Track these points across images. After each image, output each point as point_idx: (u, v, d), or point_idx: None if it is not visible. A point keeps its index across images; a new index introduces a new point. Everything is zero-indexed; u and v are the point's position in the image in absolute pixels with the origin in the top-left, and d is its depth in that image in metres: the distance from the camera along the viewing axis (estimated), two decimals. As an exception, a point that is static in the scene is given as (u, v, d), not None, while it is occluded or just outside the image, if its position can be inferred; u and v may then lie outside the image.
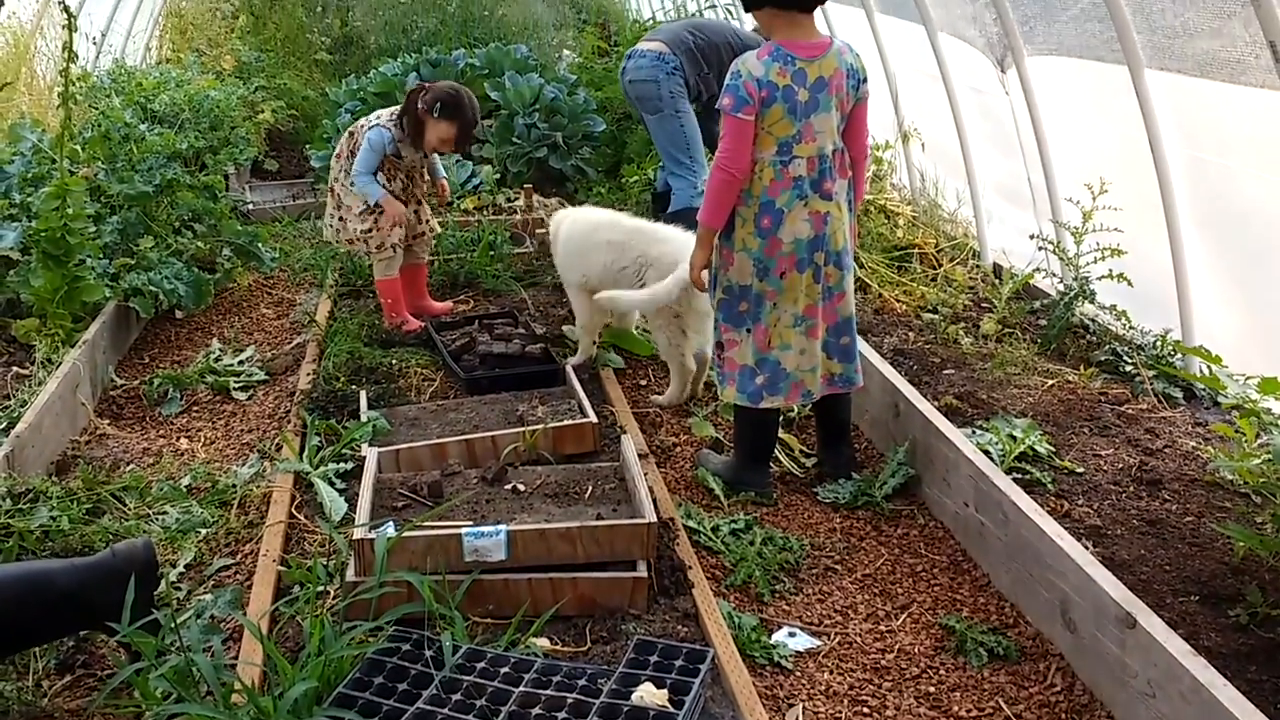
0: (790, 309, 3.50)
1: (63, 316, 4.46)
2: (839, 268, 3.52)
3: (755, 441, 3.74)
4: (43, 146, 5.08)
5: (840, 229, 3.49)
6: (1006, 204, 5.51)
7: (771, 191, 3.40)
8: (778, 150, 3.38)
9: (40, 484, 3.39)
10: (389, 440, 3.87)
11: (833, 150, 3.43)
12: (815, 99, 3.35)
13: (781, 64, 3.31)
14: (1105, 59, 4.24)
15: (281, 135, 8.58)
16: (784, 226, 3.41)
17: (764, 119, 3.35)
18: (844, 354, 3.63)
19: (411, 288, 5.18)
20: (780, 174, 3.39)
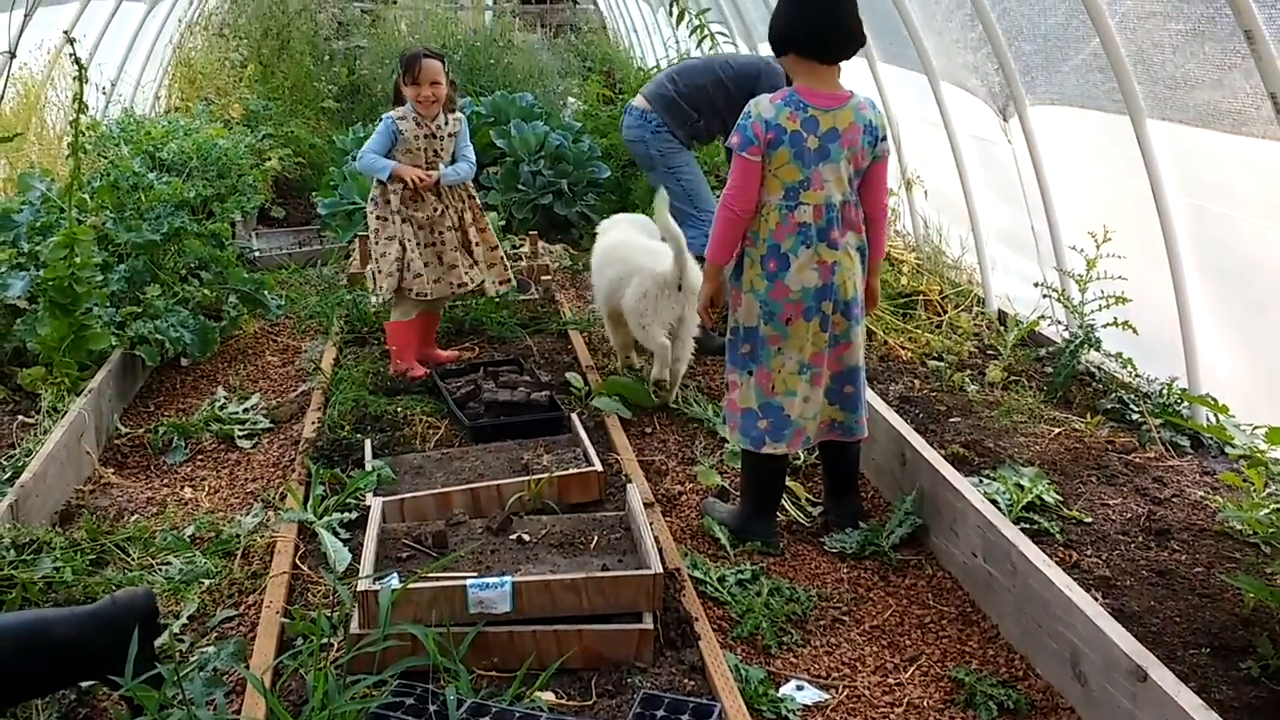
0: (795, 355, 3.50)
1: (69, 365, 4.46)
2: (846, 317, 3.52)
3: (761, 490, 3.72)
4: (51, 196, 5.12)
5: (850, 278, 3.48)
6: (1010, 251, 5.53)
7: (778, 235, 3.43)
8: (784, 195, 3.40)
9: (44, 534, 3.37)
10: (393, 489, 3.86)
11: (841, 201, 3.43)
12: (826, 148, 3.37)
13: (793, 109, 3.34)
14: (1107, 109, 4.28)
15: (288, 182, 8.64)
16: (790, 273, 3.43)
17: (771, 161, 3.38)
18: (846, 402, 3.61)
19: (422, 335, 5.17)
20: (786, 219, 3.41)
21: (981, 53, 5.01)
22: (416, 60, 4.76)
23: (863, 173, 3.47)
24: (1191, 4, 3.54)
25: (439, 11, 13.22)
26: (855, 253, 3.50)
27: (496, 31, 12.18)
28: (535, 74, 11.21)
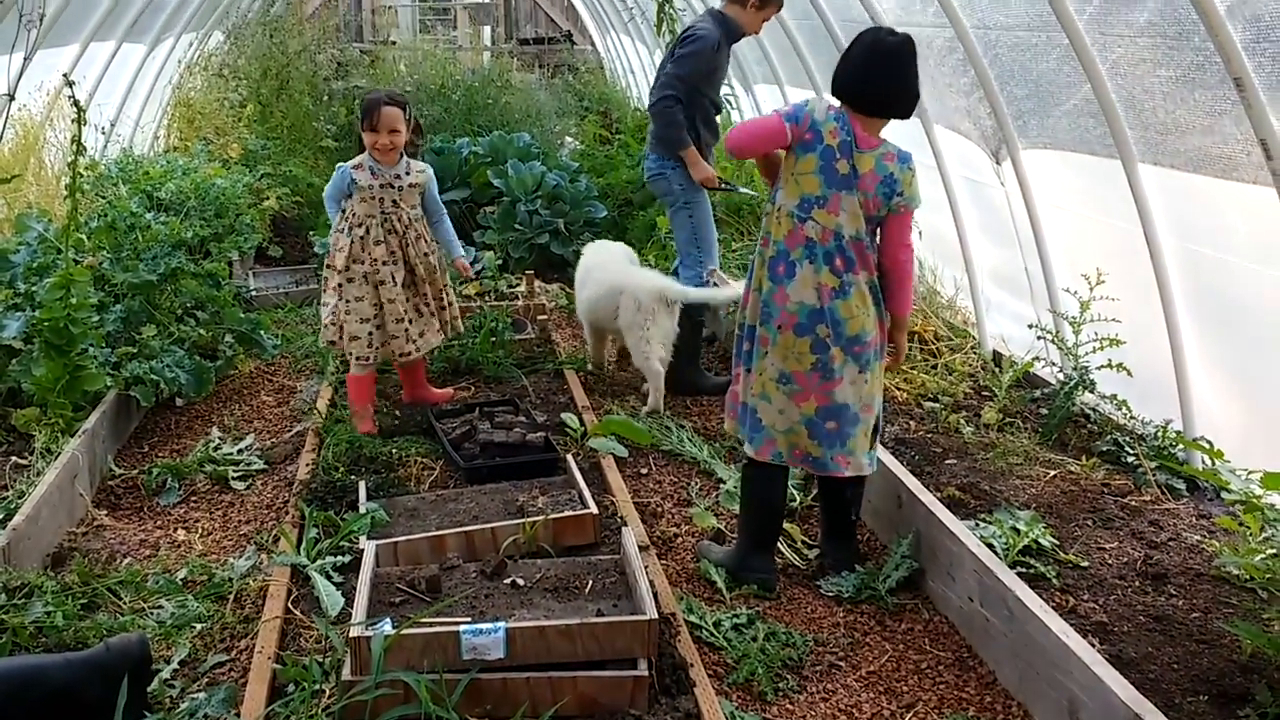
0: (778, 364, 3.53)
1: (63, 406, 4.45)
2: (846, 353, 3.50)
3: (759, 526, 3.73)
4: (49, 236, 5.13)
5: (858, 316, 3.48)
6: (1003, 292, 5.55)
7: (789, 242, 3.51)
8: (799, 203, 3.48)
9: (35, 578, 3.35)
10: (388, 532, 3.84)
11: (853, 236, 3.46)
12: (850, 180, 3.44)
13: (839, 125, 3.44)
14: (1099, 153, 4.31)
15: (286, 221, 8.67)
16: (793, 283, 3.48)
17: (799, 162, 3.47)
18: (826, 438, 3.55)
19: (409, 379, 5.14)
20: (796, 229, 3.48)
21: (974, 97, 5.06)
22: (376, 107, 4.61)
23: (876, 220, 3.50)
24: (1181, 51, 3.58)
25: (437, 52, 13.34)
26: (867, 292, 3.50)
27: (495, 72, 12.27)
28: (533, 114, 11.27)
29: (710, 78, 5.32)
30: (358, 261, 4.71)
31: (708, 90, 5.33)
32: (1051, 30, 4.17)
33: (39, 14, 4.66)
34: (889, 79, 3.46)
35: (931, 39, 5.26)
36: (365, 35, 17.12)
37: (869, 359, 3.53)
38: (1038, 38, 4.36)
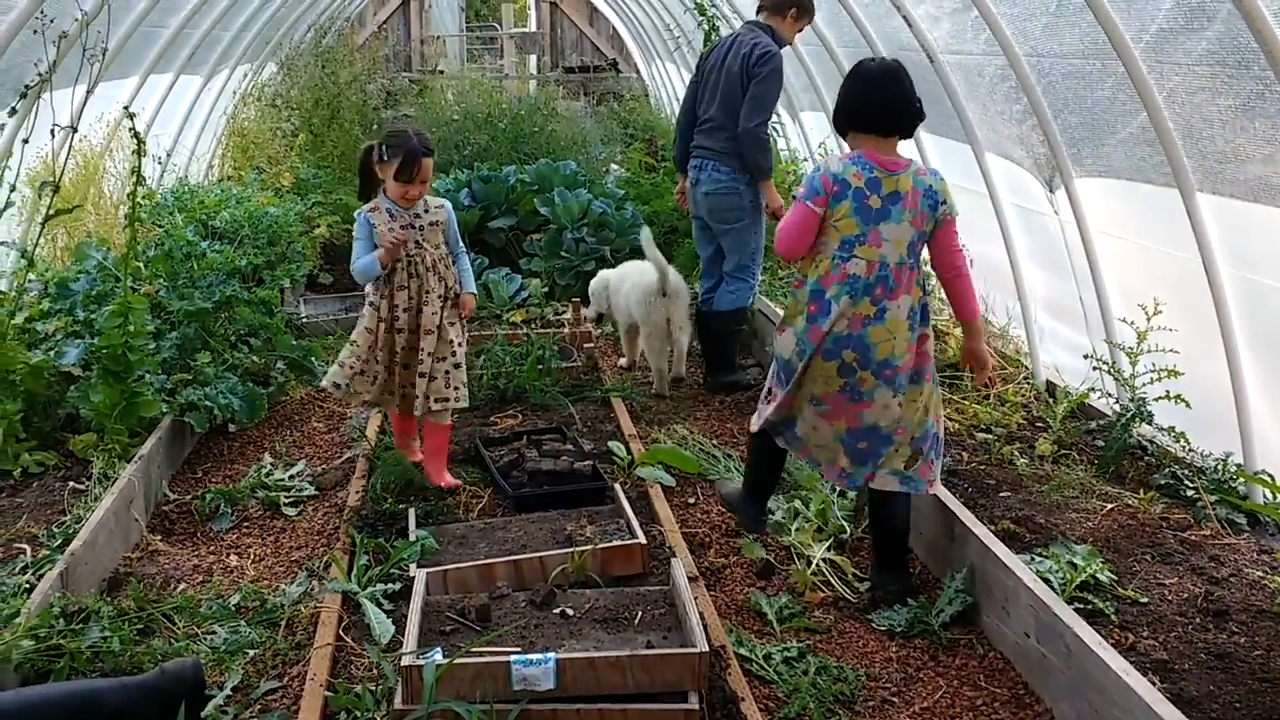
0: (810, 388, 3.69)
1: (120, 431, 4.52)
2: (876, 376, 3.58)
3: (758, 476, 4.12)
4: (107, 264, 5.22)
5: (888, 339, 3.56)
6: (1057, 321, 5.49)
7: (825, 281, 3.61)
8: (840, 246, 3.59)
9: (92, 603, 3.40)
10: (437, 559, 3.85)
11: (897, 262, 3.56)
12: (887, 209, 3.55)
13: (860, 168, 3.57)
14: (1155, 181, 4.26)
15: (336, 249, 8.76)
16: (828, 320, 3.59)
17: (833, 213, 3.59)
18: (858, 455, 3.68)
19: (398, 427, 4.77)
20: (837, 268, 3.59)
21: (1026, 125, 5.02)
22: (416, 159, 4.21)
23: (926, 236, 3.61)
24: (1241, 80, 3.53)
25: (484, 81, 13.49)
26: (905, 316, 3.58)
27: (541, 100, 12.38)
28: (578, 142, 11.36)
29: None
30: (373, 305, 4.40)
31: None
32: (1106, 58, 4.13)
33: (101, 48, 4.77)
34: (890, 97, 3.64)
35: (983, 67, 5.23)
36: (414, 65, 17.36)
37: (902, 382, 3.60)
38: (1092, 65, 4.32)
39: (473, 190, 8.43)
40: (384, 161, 4.24)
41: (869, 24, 6.18)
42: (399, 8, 17.68)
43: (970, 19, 5.04)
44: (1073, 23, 4.29)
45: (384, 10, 17.43)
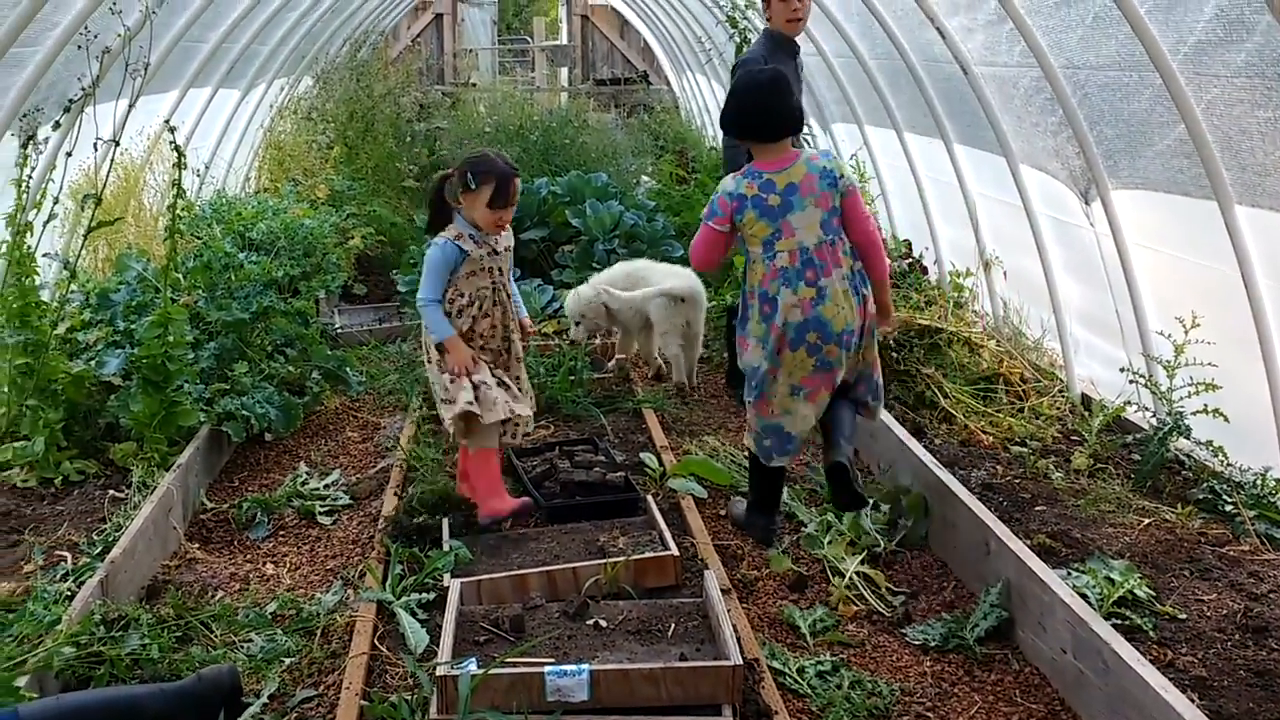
0: (787, 380, 4.04)
1: (159, 440, 4.58)
2: (840, 345, 3.99)
3: (761, 492, 4.30)
4: (147, 275, 5.29)
5: (839, 312, 3.97)
6: (1092, 334, 5.45)
7: (764, 283, 4.02)
8: (763, 248, 4.01)
9: (132, 610, 3.44)
10: (470, 569, 3.87)
11: (816, 244, 3.96)
12: (789, 201, 3.96)
13: (750, 179, 4.01)
14: (1193, 194, 4.22)
15: (370, 260, 8.84)
16: (779, 313, 3.97)
17: (743, 225, 4.02)
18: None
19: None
20: (769, 267, 3.99)
21: (1062, 136, 4.99)
22: (509, 183, 4.08)
23: (837, 212, 4.00)
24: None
25: (516, 93, 13.56)
26: (845, 286, 3.98)
27: (572, 112, 12.43)
28: (609, 153, 11.39)
29: None
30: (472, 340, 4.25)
31: None
32: (1144, 70, 4.11)
33: (143, 63, 4.84)
34: (776, 105, 4.01)
35: (1017, 79, 5.22)
36: (446, 78, 17.48)
37: (855, 342, 4.05)
38: (1129, 77, 4.29)
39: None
40: (471, 190, 4.05)
41: (902, 36, 6.18)
42: (432, 22, 17.81)
43: (1005, 31, 5.03)
44: (1109, 35, 4.27)
45: (418, 24, 17.57)
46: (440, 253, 4.15)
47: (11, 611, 3.33)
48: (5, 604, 3.45)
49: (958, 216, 6.45)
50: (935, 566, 4.11)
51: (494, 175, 4.06)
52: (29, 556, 3.83)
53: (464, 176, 4.07)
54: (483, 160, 4.12)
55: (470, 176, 4.06)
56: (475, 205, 4.10)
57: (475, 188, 4.06)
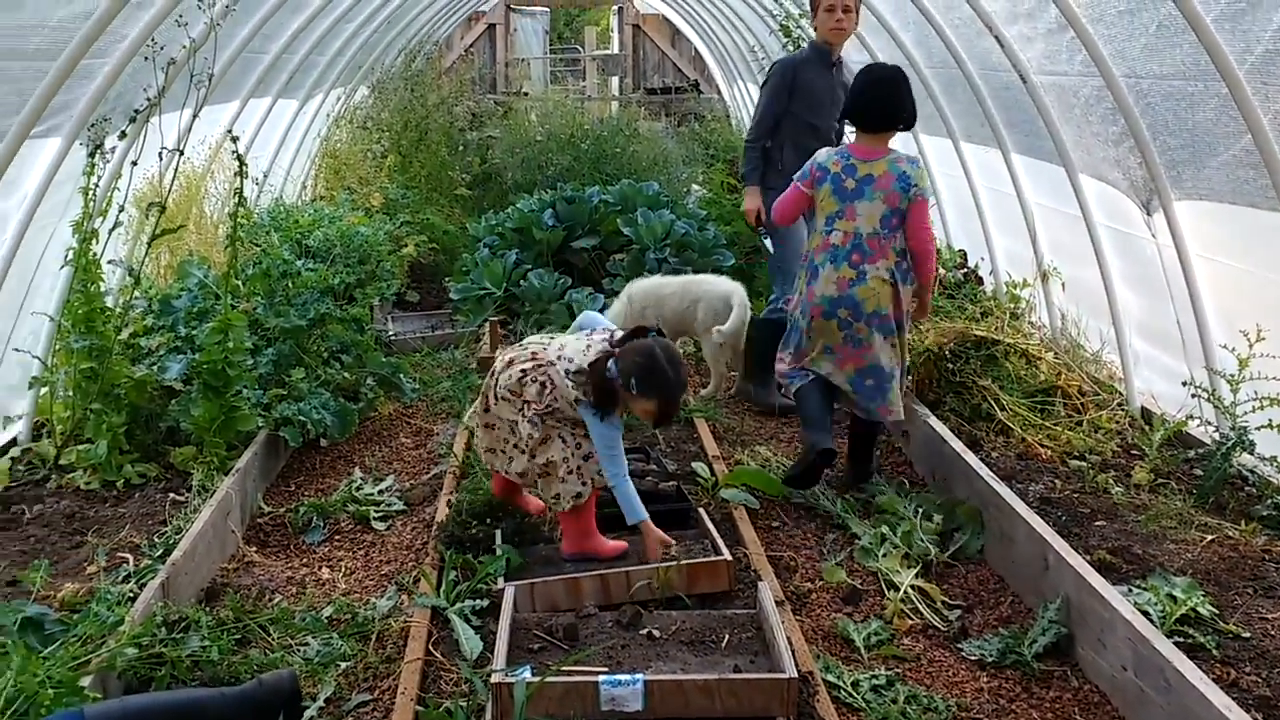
0: (821, 342, 4.61)
1: (218, 445, 4.65)
2: (869, 326, 4.50)
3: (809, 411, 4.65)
4: (208, 282, 5.38)
5: (874, 295, 4.47)
6: (1153, 346, 5.36)
7: (816, 253, 4.61)
8: (825, 221, 4.58)
9: (192, 613, 3.49)
10: (522, 575, 3.88)
11: (870, 234, 4.47)
12: (861, 189, 4.49)
13: (839, 158, 4.58)
14: (1259, 205, 4.14)
15: (422, 268, 8.93)
16: (818, 282, 4.56)
17: (818, 194, 4.60)
18: (866, 392, 4.60)
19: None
20: (823, 239, 4.56)
21: (1123, 147, 4.92)
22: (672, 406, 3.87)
23: (901, 213, 4.47)
24: (1353, 101, 3.43)
25: (567, 102, 13.62)
26: (886, 276, 4.46)
27: (623, 121, 12.45)
28: (660, 162, 11.39)
29: (799, 103, 5.62)
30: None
31: (802, 112, 5.64)
32: (1209, 80, 4.04)
33: (207, 74, 4.93)
34: (880, 99, 4.54)
35: (1078, 88, 5.15)
36: (499, 87, 17.62)
37: (891, 328, 4.52)
38: (1194, 87, 4.22)
39: (556, 211, 8.51)
40: (631, 392, 3.78)
41: (959, 45, 6.13)
42: (485, 32, 17.98)
43: (1066, 40, 4.97)
44: (1174, 44, 4.20)
45: (471, 34, 17.74)
46: (614, 429, 3.90)
47: (76, 612, 3.40)
48: (70, 604, 3.52)
49: (1014, 226, 6.38)
50: (992, 580, 4.07)
51: (658, 396, 3.78)
52: (92, 558, 3.90)
53: (629, 379, 3.77)
54: (656, 375, 3.76)
55: (635, 383, 3.76)
56: (632, 404, 3.86)
57: (635, 394, 3.79)
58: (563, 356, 3.94)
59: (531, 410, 3.94)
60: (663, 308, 6.24)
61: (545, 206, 8.61)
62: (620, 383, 3.79)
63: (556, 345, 4.04)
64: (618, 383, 3.79)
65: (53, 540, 4.12)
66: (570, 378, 3.87)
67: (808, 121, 5.62)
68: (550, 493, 4.00)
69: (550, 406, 3.92)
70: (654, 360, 3.76)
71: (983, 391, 5.15)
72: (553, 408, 3.93)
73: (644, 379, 3.74)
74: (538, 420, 3.94)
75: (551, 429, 3.97)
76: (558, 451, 3.95)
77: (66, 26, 4.09)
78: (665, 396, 3.78)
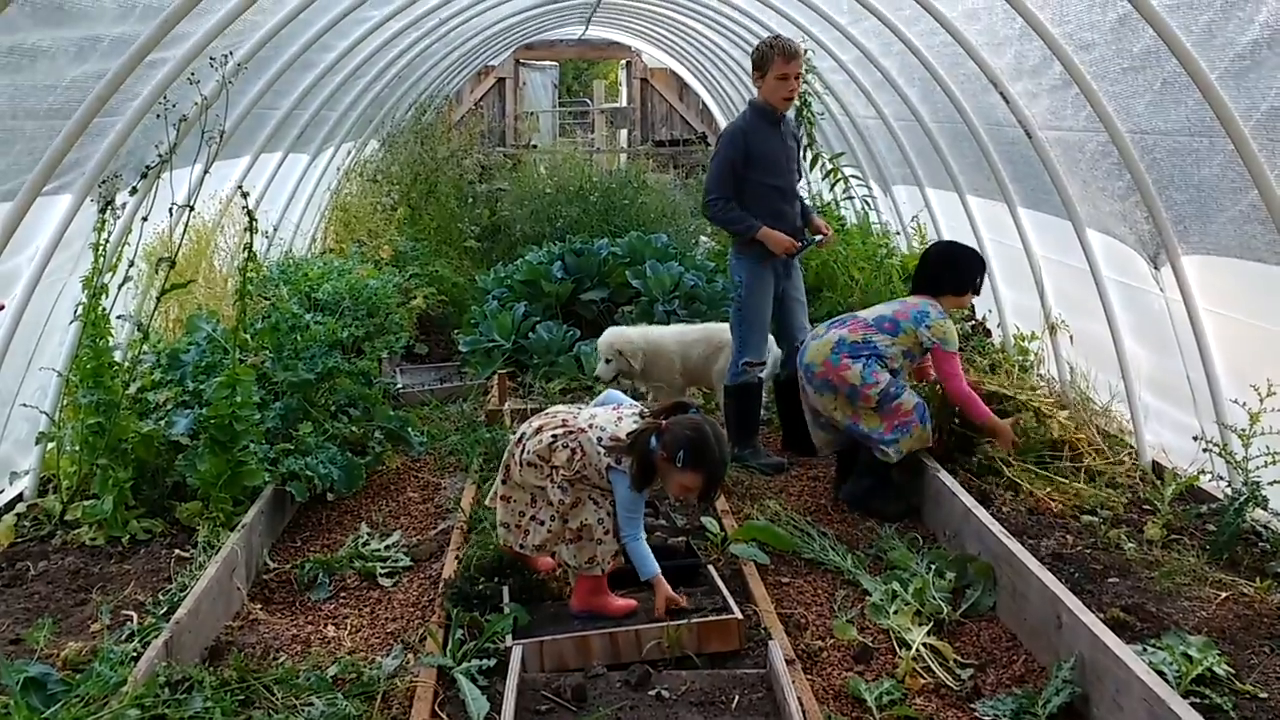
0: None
1: (224, 500, 4.63)
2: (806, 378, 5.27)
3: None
4: (216, 336, 5.40)
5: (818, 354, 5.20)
6: (1162, 401, 5.34)
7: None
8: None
9: (196, 673, 3.45)
10: (530, 633, 3.84)
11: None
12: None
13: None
14: (1268, 260, 4.14)
15: (431, 319, 8.95)
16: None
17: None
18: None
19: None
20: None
21: (1129, 201, 4.93)
22: (717, 484, 3.97)
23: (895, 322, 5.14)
24: (1359, 158, 3.44)
25: (576, 155, 13.74)
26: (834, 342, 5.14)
27: (631, 173, 12.56)
28: (668, 214, 11.47)
29: (756, 167, 5.58)
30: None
31: (761, 178, 5.59)
32: (1215, 136, 4.06)
33: (219, 130, 4.98)
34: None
35: (1083, 143, 5.18)
36: (508, 140, 17.78)
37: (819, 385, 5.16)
38: (1199, 143, 4.24)
39: (565, 263, 8.56)
40: (677, 466, 3.78)
41: (965, 100, 6.17)
42: (495, 86, 18.17)
43: (1070, 96, 5.00)
44: (1179, 100, 4.22)
45: (481, 88, 17.93)
46: (640, 497, 3.92)
47: (79, 671, 3.37)
48: (73, 663, 3.49)
49: (1021, 279, 6.39)
50: (1004, 638, 4.01)
51: (706, 472, 3.80)
52: (96, 616, 3.88)
53: (676, 452, 3.77)
54: (707, 451, 3.78)
55: (684, 456, 3.76)
56: (674, 478, 3.85)
57: (681, 468, 3.79)
58: (594, 425, 3.95)
59: (560, 476, 3.94)
60: (687, 355, 6.41)
61: (554, 259, 8.65)
62: (662, 455, 3.79)
63: (587, 414, 4.05)
64: (658, 455, 3.79)
65: (57, 597, 4.10)
66: (601, 445, 3.88)
67: (769, 184, 5.65)
68: (584, 557, 3.96)
69: (580, 473, 3.92)
70: (704, 436, 3.78)
71: (990, 445, 5.14)
72: (582, 474, 3.93)
73: (694, 454, 3.75)
74: (567, 485, 3.94)
75: (580, 493, 3.97)
76: (591, 514, 3.95)
77: (80, 85, 4.14)
78: (712, 473, 3.82)
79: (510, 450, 4.14)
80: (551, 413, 4.18)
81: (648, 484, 3.87)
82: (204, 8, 4.45)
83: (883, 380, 4.98)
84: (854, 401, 5.03)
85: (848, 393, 5.03)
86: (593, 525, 3.93)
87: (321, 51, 6.80)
